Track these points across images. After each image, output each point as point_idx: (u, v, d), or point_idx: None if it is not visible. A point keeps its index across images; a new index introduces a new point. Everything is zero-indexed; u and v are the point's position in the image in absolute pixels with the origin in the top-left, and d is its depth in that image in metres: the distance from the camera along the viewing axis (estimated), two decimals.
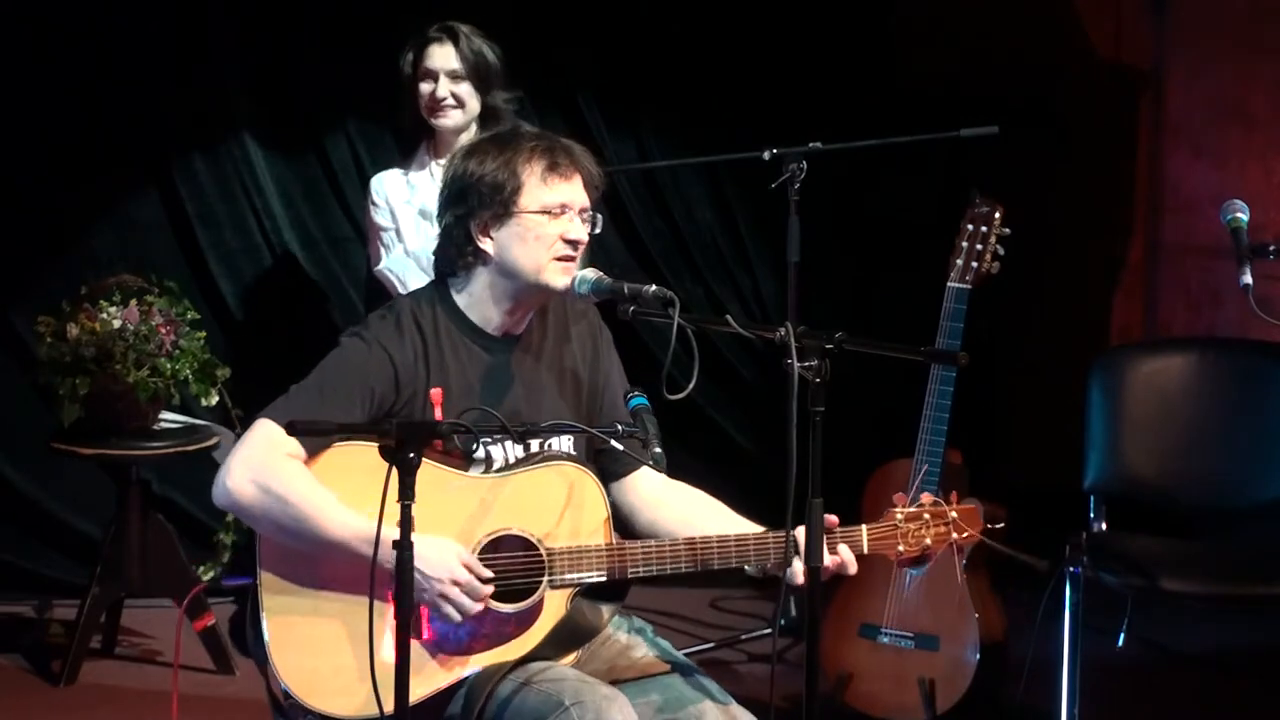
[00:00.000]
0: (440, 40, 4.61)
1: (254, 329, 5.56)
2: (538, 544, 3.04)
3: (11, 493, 5.42)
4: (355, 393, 3.06)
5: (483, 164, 3.12)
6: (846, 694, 4.48)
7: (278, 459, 3.00)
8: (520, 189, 3.10)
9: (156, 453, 4.83)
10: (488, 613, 3.01)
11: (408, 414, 3.09)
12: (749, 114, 5.91)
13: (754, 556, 3.08)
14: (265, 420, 3.03)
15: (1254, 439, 4.51)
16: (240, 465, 3.01)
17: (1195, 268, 5.98)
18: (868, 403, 5.42)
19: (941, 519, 3.16)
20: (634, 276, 3.16)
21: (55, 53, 5.34)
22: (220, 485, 3.02)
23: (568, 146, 3.17)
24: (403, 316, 3.17)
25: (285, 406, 3.04)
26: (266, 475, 2.99)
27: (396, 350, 3.11)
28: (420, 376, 3.11)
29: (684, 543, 3.08)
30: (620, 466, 3.25)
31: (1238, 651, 5.24)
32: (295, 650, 3.01)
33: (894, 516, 3.15)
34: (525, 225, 3.11)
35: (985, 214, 4.36)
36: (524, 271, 3.12)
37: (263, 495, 2.98)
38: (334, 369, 3.10)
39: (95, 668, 4.93)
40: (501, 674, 3.00)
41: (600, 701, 2.91)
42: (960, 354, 3.10)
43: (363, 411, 3.06)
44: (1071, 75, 6.17)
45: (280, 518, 2.98)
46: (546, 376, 3.20)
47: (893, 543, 3.13)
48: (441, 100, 4.58)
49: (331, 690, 3.00)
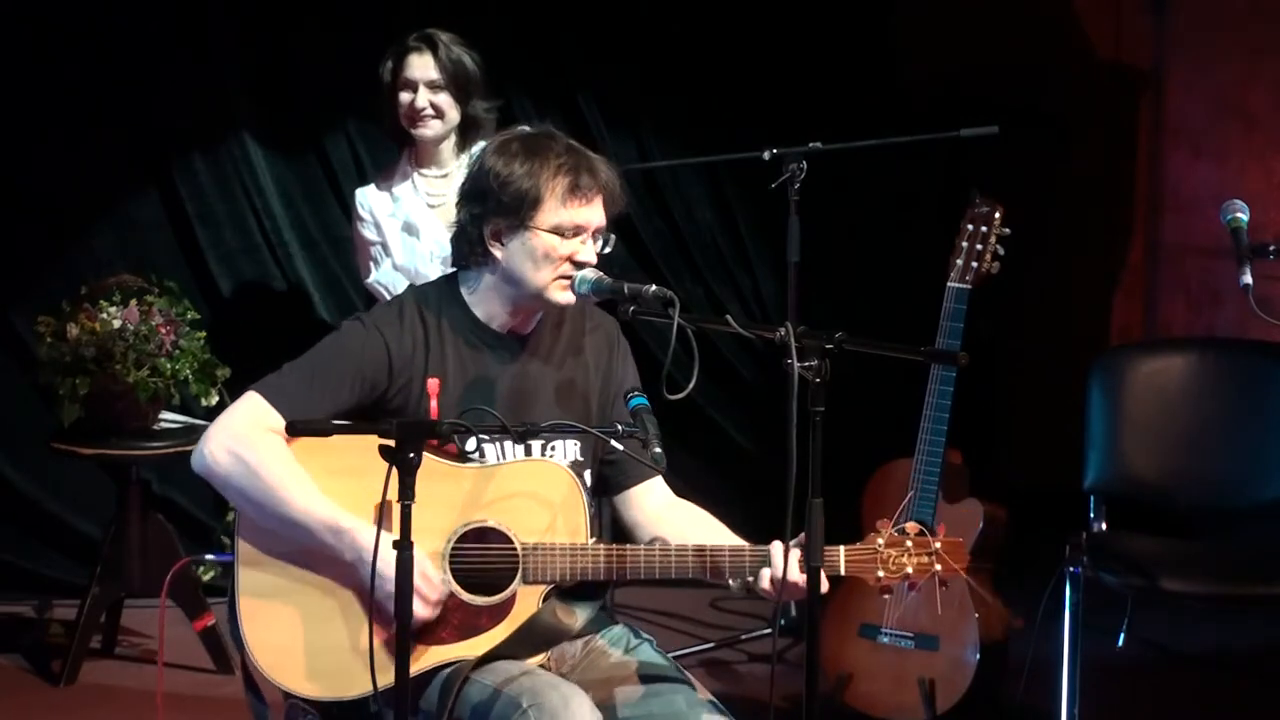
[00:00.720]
0: (419, 49, 4.57)
1: (254, 329, 5.56)
2: (514, 539, 3.04)
3: (11, 493, 5.42)
4: (346, 374, 3.07)
5: (509, 167, 3.10)
6: (846, 694, 4.48)
7: (258, 432, 3.02)
8: (539, 205, 3.08)
9: (156, 453, 4.83)
10: (459, 603, 3.02)
11: (401, 401, 3.10)
12: (749, 114, 5.91)
13: (729, 568, 3.04)
14: (253, 393, 3.06)
15: (1254, 439, 4.51)
16: (220, 432, 3.04)
17: (1195, 268, 5.98)
18: (868, 403, 5.42)
19: (924, 549, 3.07)
20: (634, 276, 3.15)
21: (55, 53, 5.34)
22: (198, 451, 3.05)
23: (593, 166, 3.12)
24: (406, 306, 3.18)
25: (276, 382, 3.07)
26: (243, 445, 3.00)
27: (393, 337, 3.12)
28: (418, 365, 3.11)
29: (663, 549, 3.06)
30: (626, 478, 3.24)
31: (1238, 651, 5.25)
32: (266, 627, 3.02)
33: (874, 541, 3.07)
34: (537, 242, 3.09)
35: (985, 214, 4.36)
36: (528, 284, 3.12)
37: (236, 464, 3.00)
38: (328, 350, 3.12)
39: (95, 668, 4.93)
40: (468, 672, 2.99)
41: (557, 701, 2.90)
42: (960, 354, 3.10)
43: (351, 394, 3.07)
44: (1071, 75, 6.17)
45: (249, 489, 3.00)
46: (546, 381, 3.19)
47: (871, 567, 3.06)
48: (421, 110, 4.56)
49: (299, 670, 3.01)
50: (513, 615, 3.04)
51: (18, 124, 5.32)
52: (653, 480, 3.25)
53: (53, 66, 5.34)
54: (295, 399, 3.03)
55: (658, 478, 3.26)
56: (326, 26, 5.59)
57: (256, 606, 3.03)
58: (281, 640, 3.02)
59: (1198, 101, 5.96)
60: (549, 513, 3.06)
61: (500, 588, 3.04)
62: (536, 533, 3.05)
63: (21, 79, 5.31)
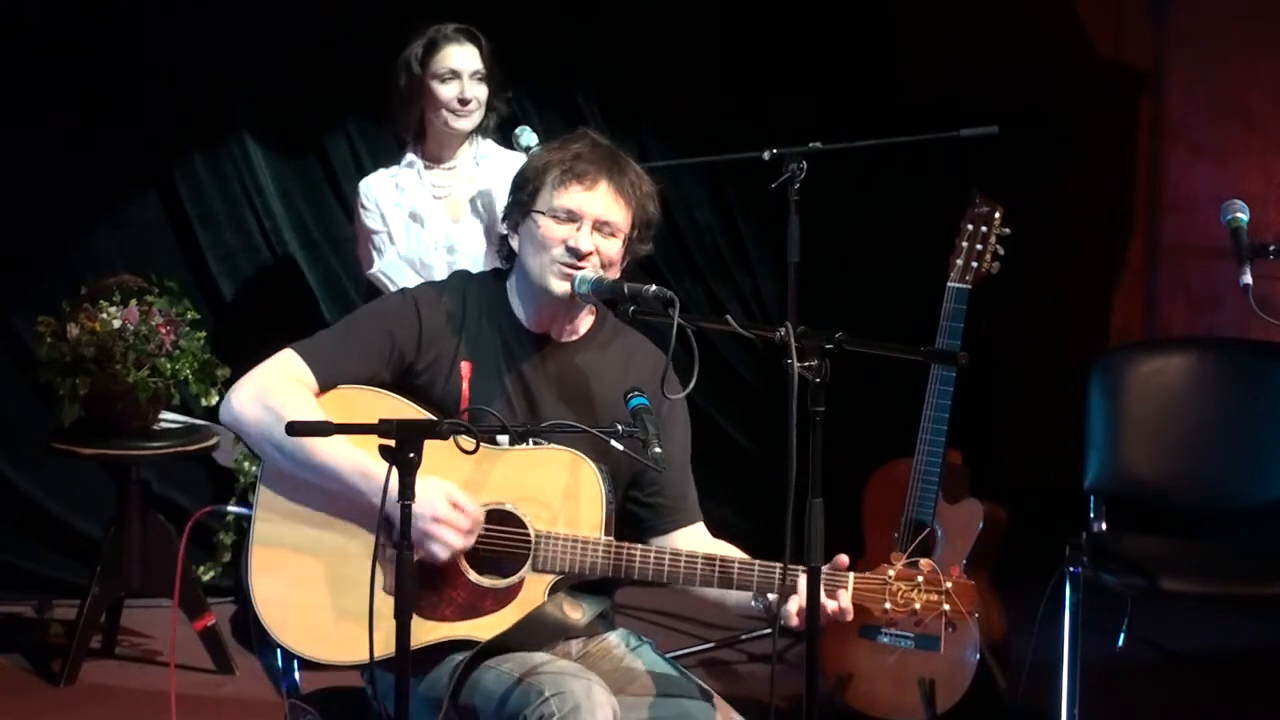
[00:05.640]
0: (459, 41, 4.62)
1: (254, 329, 5.55)
2: (529, 524, 3.04)
3: (11, 493, 5.41)
4: (376, 338, 3.10)
5: (537, 158, 3.15)
6: (846, 694, 4.47)
7: (285, 381, 3.05)
8: (540, 190, 3.11)
9: (156, 453, 4.83)
10: (465, 581, 3.01)
11: (429, 379, 3.11)
12: (749, 114, 5.91)
13: (757, 582, 3.01)
14: (287, 350, 3.10)
15: (1254, 439, 4.51)
16: (248, 383, 3.07)
17: (1195, 268, 5.98)
18: (868, 403, 5.42)
19: (935, 587, 2.99)
20: (634, 276, 3.15)
21: (55, 53, 5.33)
22: (226, 401, 3.09)
23: (605, 160, 3.13)
24: (450, 286, 3.21)
25: (309, 342, 3.12)
26: (270, 395, 3.03)
27: (428, 310, 3.13)
28: (449, 344, 3.12)
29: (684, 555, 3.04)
30: (662, 522, 3.20)
31: (1238, 651, 5.25)
32: (274, 581, 3.03)
33: (885, 571, 3.01)
34: (534, 226, 3.11)
35: (985, 214, 4.36)
36: (531, 273, 3.13)
37: (264, 412, 3.02)
38: (364, 314, 3.19)
39: (95, 668, 4.92)
40: (482, 660, 2.99)
41: (579, 691, 2.90)
42: (960, 354, 3.09)
43: (381, 359, 3.10)
44: (1071, 75, 6.17)
45: (276, 436, 3.00)
46: (577, 392, 3.17)
47: (879, 598, 3.00)
48: (467, 102, 4.59)
49: (301, 628, 3.02)
50: (518, 601, 3.02)
51: (18, 124, 5.32)
52: (693, 526, 3.21)
53: (53, 66, 5.34)
54: (326, 356, 3.07)
55: (699, 523, 3.22)
56: (326, 26, 5.58)
57: (268, 557, 3.04)
58: (288, 596, 3.03)
59: (1198, 101, 5.96)
60: (568, 504, 3.05)
61: (509, 571, 3.03)
62: (553, 522, 3.04)
63: (21, 79, 5.31)
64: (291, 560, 3.04)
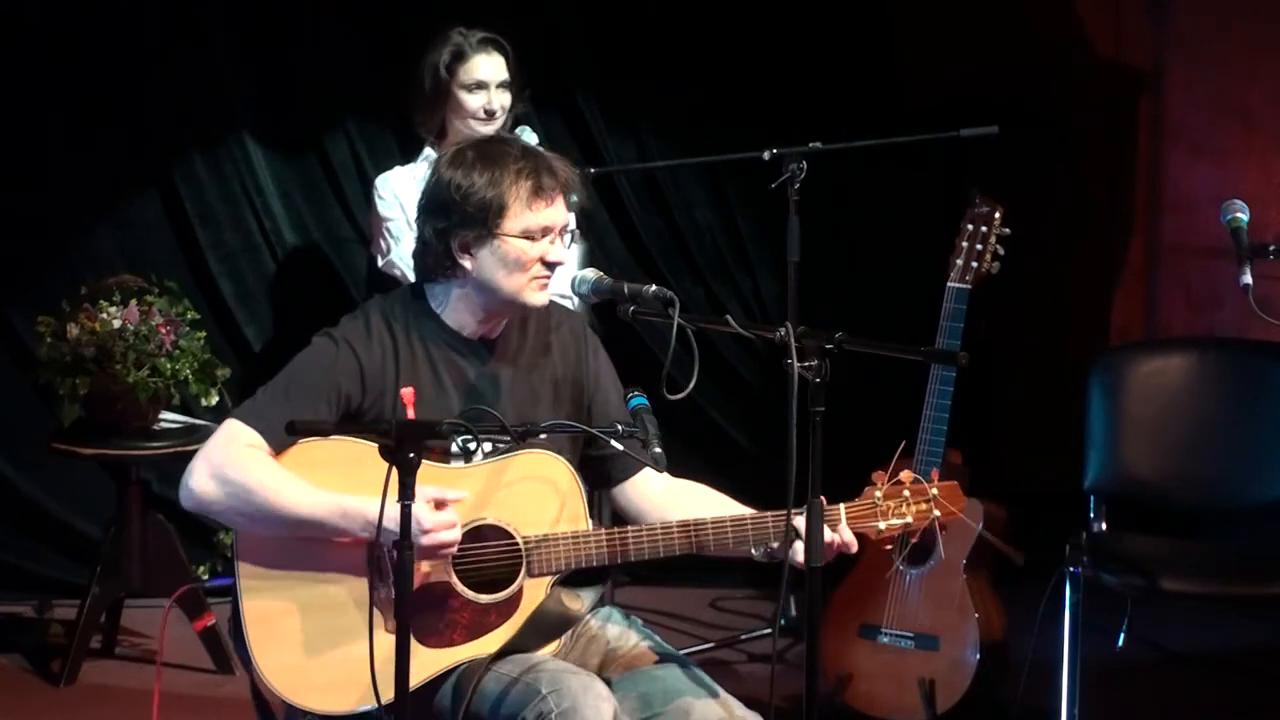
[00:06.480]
0: (487, 51, 4.62)
1: (254, 329, 5.56)
2: (514, 533, 3.05)
3: (11, 493, 5.41)
4: (321, 392, 3.08)
5: (469, 178, 3.11)
6: (846, 694, 4.48)
7: (236, 450, 3.02)
8: (505, 212, 3.10)
9: (156, 453, 4.83)
10: (467, 603, 3.03)
11: (376, 413, 3.10)
12: (749, 114, 5.91)
13: (752, 536, 3.06)
14: (229, 420, 3.07)
15: (1254, 439, 4.51)
16: (201, 463, 3.04)
17: (1195, 268, 5.98)
18: (868, 403, 5.42)
19: (922, 495, 3.12)
20: (634, 276, 3.16)
21: (55, 53, 5.33)
22: (184, 487, 3.05)
23: (550, 166, 3.14)
24: (372, 317, 3.18)
25: (252, 408, 3.07)
26: (225, 468, 3.01)
27: (363, 350, 3.12)
28: (389, 376, 3.12)
29: (675, 526, 3.07)
30: (621, 471, 3.24)
31: (1238, 651, 5.24)
32: (278, 650, 3.02)
33: (872, 495, 3.11)
34: (507, 249, 3.11)
35: (985, 214, 4.37)
36: (502, 291, 3.14)
37: (223, 487, 3.00)
38: (301, 368, 3.12)
39: (95, 668, 4.93)
40: (485, 667, 3.00)
41: (576, 687, 2.92)
42: (960, 354, 3.10)
43: (329, 410, 3.07)
44: (1072, 75, 6.17)
45: (243, 506, 3.00)
46: (521, 382, 3.20)
47: (872, 520, 3.10)
48: (493, 113, 4.61)
49: (318, 687, 3.01)
50: (521, 609, 3.05)
51: (18, 124, 5.32)
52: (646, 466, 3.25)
53: (53, 66, 5.34)
54: (272, 419, 3.03)
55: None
56: (327, 27, 5.59)
57: (265, 631, 3.02)
58: (293, 660, 3.02)
59: (1198, 101, 5.95)
60: (548, 504, 3.07)
61: (506, 583, 3.04)
62: (537, 525, 3.06)
63: (21, 79, 5.31)
64: (288, 625, 3.02)
